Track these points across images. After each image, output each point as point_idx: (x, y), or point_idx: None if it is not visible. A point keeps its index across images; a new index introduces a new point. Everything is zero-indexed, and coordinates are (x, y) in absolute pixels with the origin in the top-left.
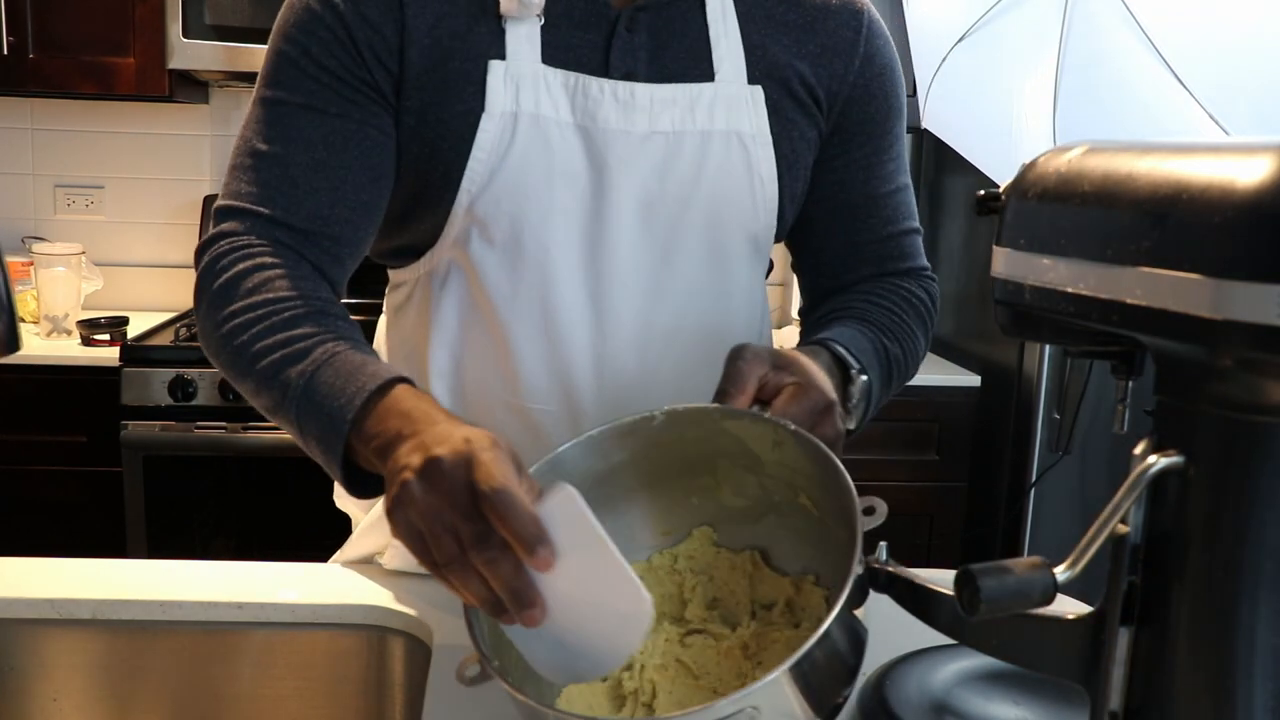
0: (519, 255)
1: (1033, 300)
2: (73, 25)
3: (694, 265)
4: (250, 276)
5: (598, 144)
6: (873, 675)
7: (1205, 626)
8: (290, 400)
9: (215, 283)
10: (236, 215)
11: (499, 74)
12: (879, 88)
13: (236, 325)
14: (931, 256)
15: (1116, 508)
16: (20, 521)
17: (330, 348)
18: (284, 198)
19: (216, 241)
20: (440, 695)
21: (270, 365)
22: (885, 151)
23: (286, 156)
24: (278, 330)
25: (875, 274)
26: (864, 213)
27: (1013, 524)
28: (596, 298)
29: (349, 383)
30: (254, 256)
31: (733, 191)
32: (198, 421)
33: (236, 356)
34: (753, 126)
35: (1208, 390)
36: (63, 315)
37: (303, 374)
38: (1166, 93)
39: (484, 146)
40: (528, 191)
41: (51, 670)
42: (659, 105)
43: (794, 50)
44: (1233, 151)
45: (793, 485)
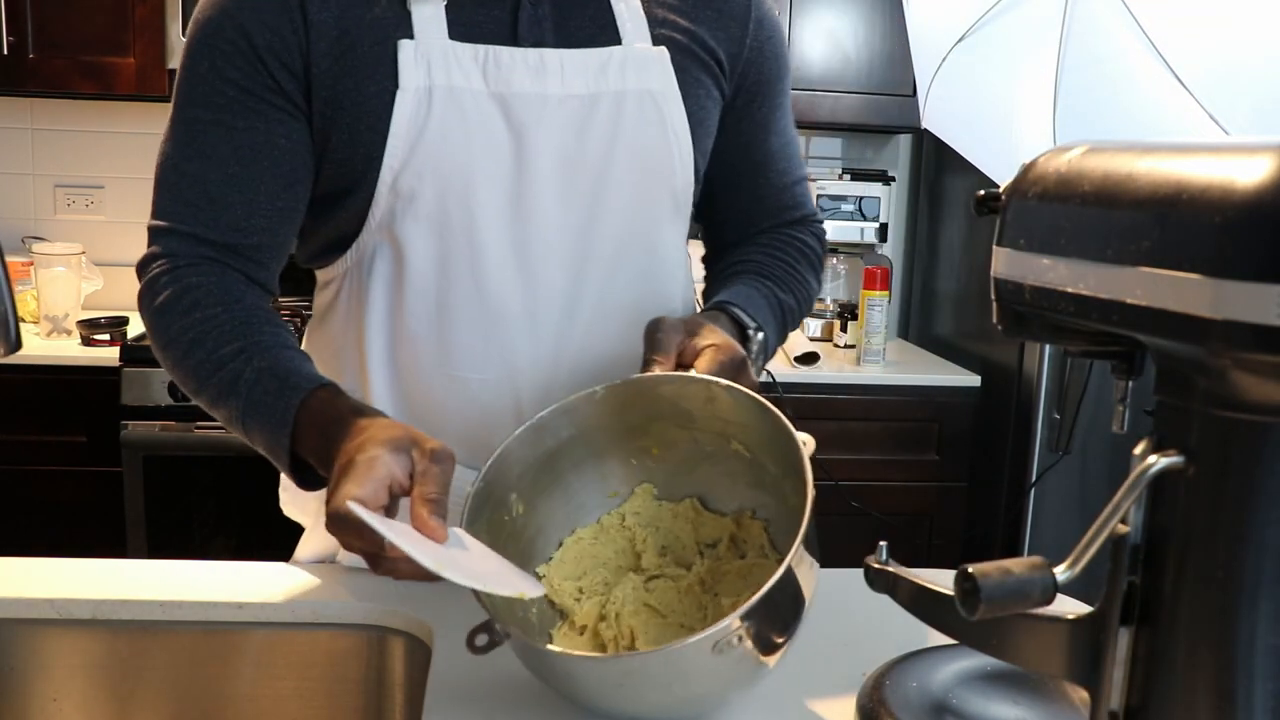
0: (446, 225)
1: (1033, 300)
2: (73, 25)
3: (619, 225)
4: (182, 299)
5: (515, 110)
6: (873, 675)
7: (1205, 626)
8: (236, 423)
9: (153, 304)
10: (164, 236)
11: (409, 52)
12: (771, 49)
13: (177, 351)
14: (931, 256)
15: (1116, 508)
16: (20, 521)
17: (257, 365)
18: (204, 214)
19: (150, 265)
20: (440, 695)
21: (213, 389)
22: (780, 108)
23: (203, 174)
24: (211, 353)
25: (774, 225)
26: (764, 167)
27: (1013, 524)
28: (525, 262)
29: (278, 400)
30: (182, 278)
31: (651, 149)
32: (198, 421)
33: (185, 379)
34: (662, 85)
35: (1208, 390)
36: (63, 315)
37: (239, 399)
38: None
39: (401, 122)
40: (449, 161)
41: (51, 670)
42: (570, 69)
43: (691, 16)
44: (1233, 151)
45: (724, 434)
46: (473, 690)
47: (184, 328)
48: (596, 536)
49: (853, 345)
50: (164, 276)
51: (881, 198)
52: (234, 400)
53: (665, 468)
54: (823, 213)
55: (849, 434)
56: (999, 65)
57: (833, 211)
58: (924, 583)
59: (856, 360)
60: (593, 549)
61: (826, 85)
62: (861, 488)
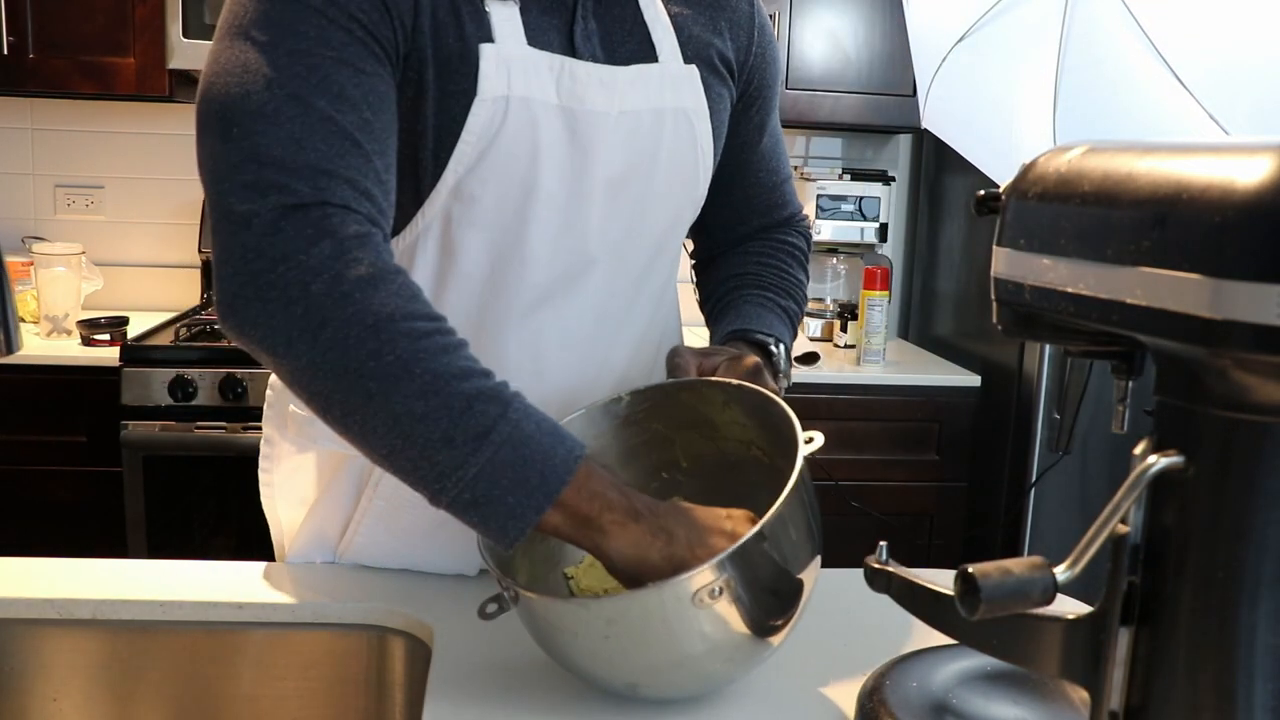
0: (500, 232)
1: (1033, 300)
2: (73, 25)
3: (652, 238)
4: (399, 274)
5: (580, 124)
6: (873, 675)
7: (1205, 626)
8: (495, 434)
9: (362, 266)
10: (320, 178)
11: (490, 57)
12: (770, 54)
13: (408, 330)
14: (931, 256)
15: (1116, 508)
16: (20, 521)
17: (515, 392)
18: (353, 159)
19: (327, 215)
20: (440, 695)
21: (467, 392)
22: (774, 111)
23: (333, 113)
24: (462, 352)
25: (764, 224)
26: (756, 167)
27: (1013, 524)
28: (565, 272)
29: (557, 443)
30: (382, 252)
31: (684, 165)
32: (198, 421)
33: (408, 360)
34: (695, 103)
35: (1208, 390)
36: (63, 315)
37: (511, 413)
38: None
39: (474, 130)
40: (514, 172)
41: (51, 670)
42: (625, 86)
43: (709, 27)
44: (1233, 151)
45: (744, 440)
46: (473, 690)
47: (420, 314)
48: None
49: (853, 345)
50: (364, 239)
51: (881, 198)
52: (495, 425)
53: (694, 480)
54: (822, 213)
55: (849, 434)
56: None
57: (833, 211)
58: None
59: (856, 360)
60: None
61: (826, 85)
62: (861, 488)
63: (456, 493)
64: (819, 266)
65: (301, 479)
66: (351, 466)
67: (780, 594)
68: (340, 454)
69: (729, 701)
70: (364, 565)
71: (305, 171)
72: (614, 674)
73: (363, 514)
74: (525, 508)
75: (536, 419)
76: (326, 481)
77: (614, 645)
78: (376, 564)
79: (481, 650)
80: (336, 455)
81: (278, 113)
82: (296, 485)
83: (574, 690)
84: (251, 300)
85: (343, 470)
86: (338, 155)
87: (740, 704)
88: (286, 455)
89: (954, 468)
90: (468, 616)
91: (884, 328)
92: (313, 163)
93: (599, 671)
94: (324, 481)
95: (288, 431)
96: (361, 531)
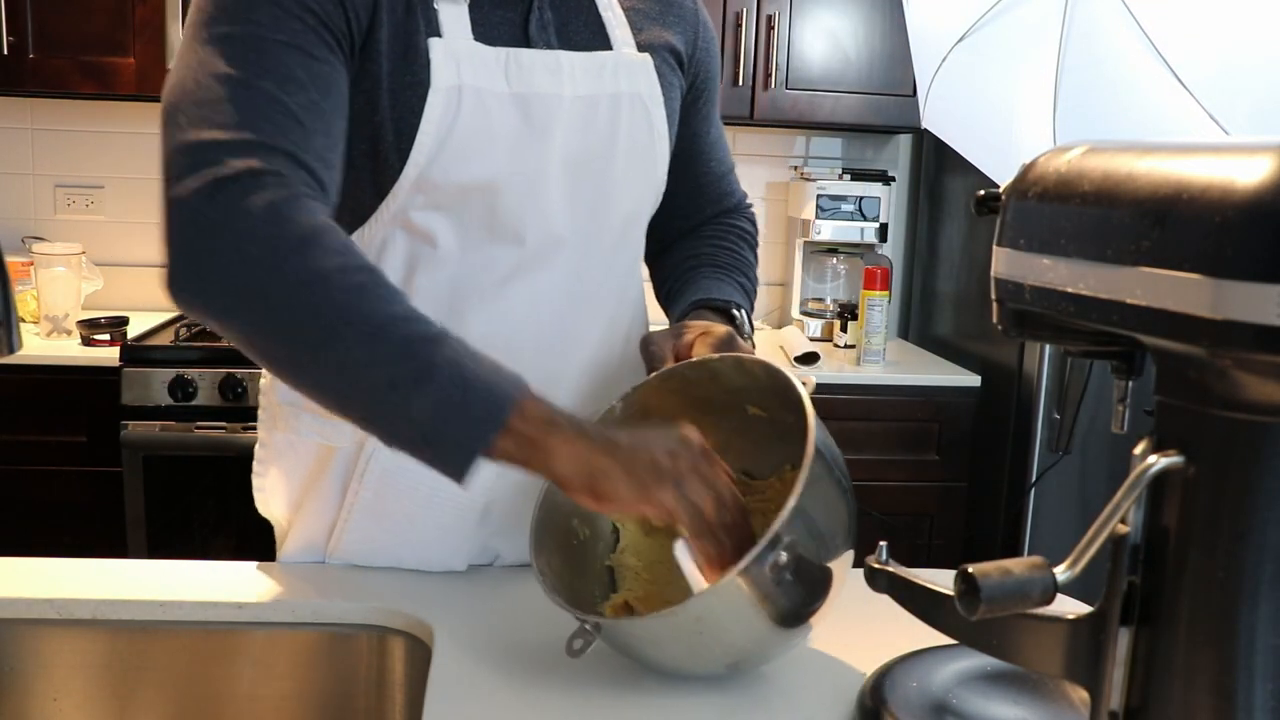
0: (466, 219)
1: (1033, 300)
2: (73, 25)
3: (617, 221)
4: (333, 231)
5: (534, 109)
6: (873, 675)
7: (1205, 626)
8: (437, 374)
9: (295, 227)
10: (259, 151)
11: (440, 51)
12: (713, 48)
13: (344, 284)
14: (931, 256)
15: (1116, 508)
16: (20, 521)
17: (448, 332)
18: (295, 134)
19: (258, 182)
20: (440, 695)
21: (405, 337)
22: (715, 104)
23: (279, 94)
24: (397, 300)
25: (715, 212)
26: (706, 157)
27: (1013, 524)
28: (535, 255)
29: (497, 376)
30: (318, 213)
31: (641, 149)
32: (198, 421)
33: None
34: (649, 89)
35: (1208, 390)
36: (63, 315)
37: (448, 351)
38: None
39: (432, 119)
40: (473, 159)
41: (51, 670)
42: (578, 71)
43: (659, 21)
44: (1233, 151)
45: (737, 404)
46: (473, 690)
47: (354, 266)
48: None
49: (853, 345)
50: (296, 201)
51: (881, 198)
52: (439, 356)
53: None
54: (822, 213)
55: (849, 434)
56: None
57: (833, 211)
58: (924, 583)
59: (856, 360)
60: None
61: (826, 85)
62: (861, 488)
63: (407, 432)
64: (819, 266)
65: (292, 481)
66: (337, 464)
67: (833, 530)
68: (326, 449)
69: (730, 701)
70: (354, 565)
71: (240, 146)
72: (714, 662)
73: (349, 509)
74: (473, 439)
75: (474, 356)
76: (314, 482)
77: (708, 638)
78: (365, 563)
79: (481, 650)
80: (323, 453)
81: (220, 98)
82: (288, 487)
83: (574, 690)
84: (193, 274)
85: (328, 470)
86: (279, 132)
87: (741, 704)
88: (277, 456)
89: (954, 468)
90: (468, 616)
91: (884, 328)
92: (250, 139)
93: (699, 667)
94: (311, 482)
95: (277, 430)
96: (350, 527)
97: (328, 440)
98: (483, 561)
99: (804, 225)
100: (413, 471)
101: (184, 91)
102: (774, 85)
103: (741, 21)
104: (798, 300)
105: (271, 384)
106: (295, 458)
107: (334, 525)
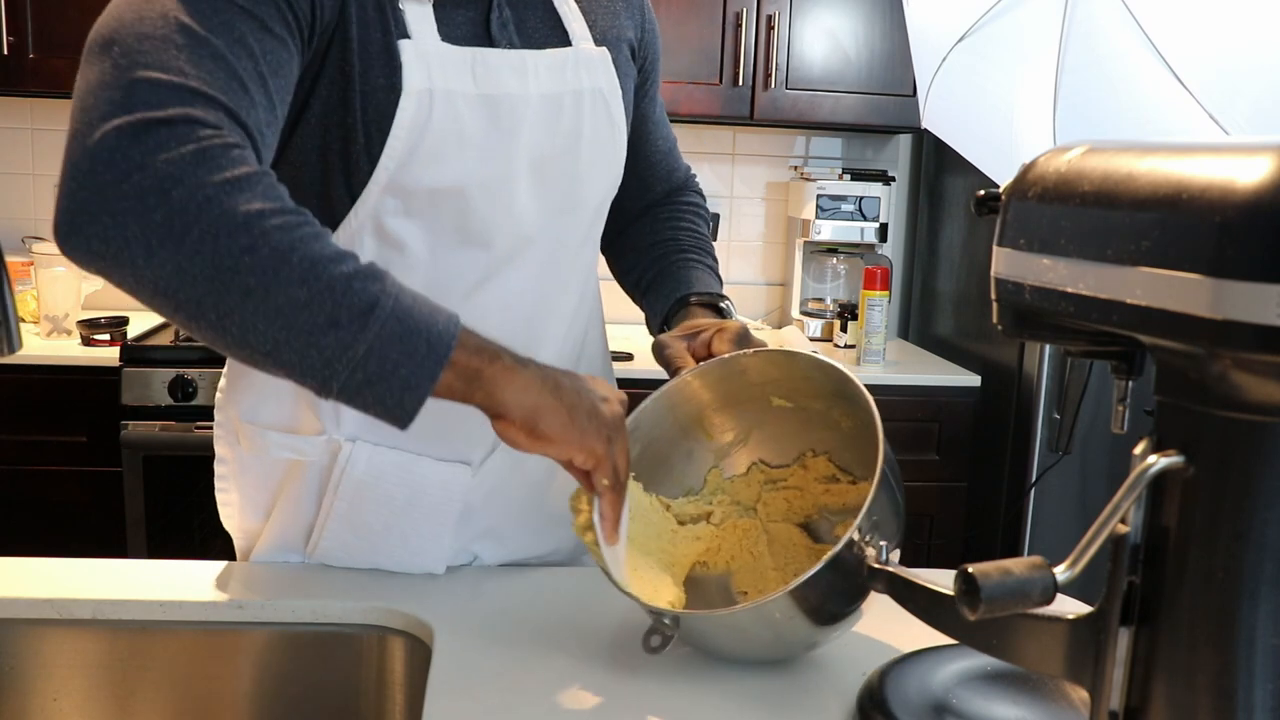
0: (436, 222)
1: (1033, 300)
2: (73, 25)
3: (583, 215)
4: (266, 176)
5: (502, 109)
6: (872, 675)
7: (1205, 626)
8: (379, 310)
9: (225, 171)
10: (200, 100)
11: (410, 53)
12: (656, 30)
13: (279, 224)
14: (931, 256)
15: (1116, 508)
16: (20, 521)
17: (384, 269)
18: (239, 96)
19: (194, 129)
20: (440, 695)
21: (345, 274)
22: (659, 80)
23: (227, 54)
24: (330, 243)
25: (665, 189)
26: (654, 136)
27: (1013, 524)
28: (506, 254)
29: (435, 311)
30: (251, 161)
31: (603, 143)
32: (198, 421)
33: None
34: (608, 83)
35: (1208, 390)
36: (63, 315)
37: (388, 285)
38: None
39: (403, 124)
40: (443, 162)
41: (51, 670)
42: (542, 70)
43: (610, 10)
44: (1233, 151)
45: (762, 397)
46: (473, 690)
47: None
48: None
49: (853, 345)
50: (229, 150)
51: (881, 198)
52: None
53: (723, 447)
54: (822, 213)
55: None
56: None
57: (833, 211)
58: (924, 583)
59: (856, 360)
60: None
61: (826, 85)
62: None
63: (348, 375)
64: (819, 266)
65: (261, 492)
66: (310, 472)
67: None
68: (298, 461)
69: (730, 701)
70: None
71: (181, 91)
72: (794, 646)
73: (325, 517)
74: (419, 376)
75: (410, 292)
76: (286, 489)
77: (794, 624)
78: (343, 565)
79: (481, 650)
80: (295, 464)
81: (167, 39)
82: (257, 498)
83: (573, 690)
84: (99, 213)
85: (301, 477)
86: (222, 88)
87: (741, 703)
88: (242, 471)
89: (954, 468)
90: (468, 616)
91: (884, 328)
92: (192, 86)
93: (779, 653)
94: (283, 490)
95: (240, 446)
96: (326, 535)
97: (299, 455)
98: (461, 563)
99: (804, 225)
100: (388, 481)
101: (122, 24)
102: (774, 85)
103: (741, 21)
104: (798, 300)
105: (229, 399)
106: (263, 471)
107: (309, 530)
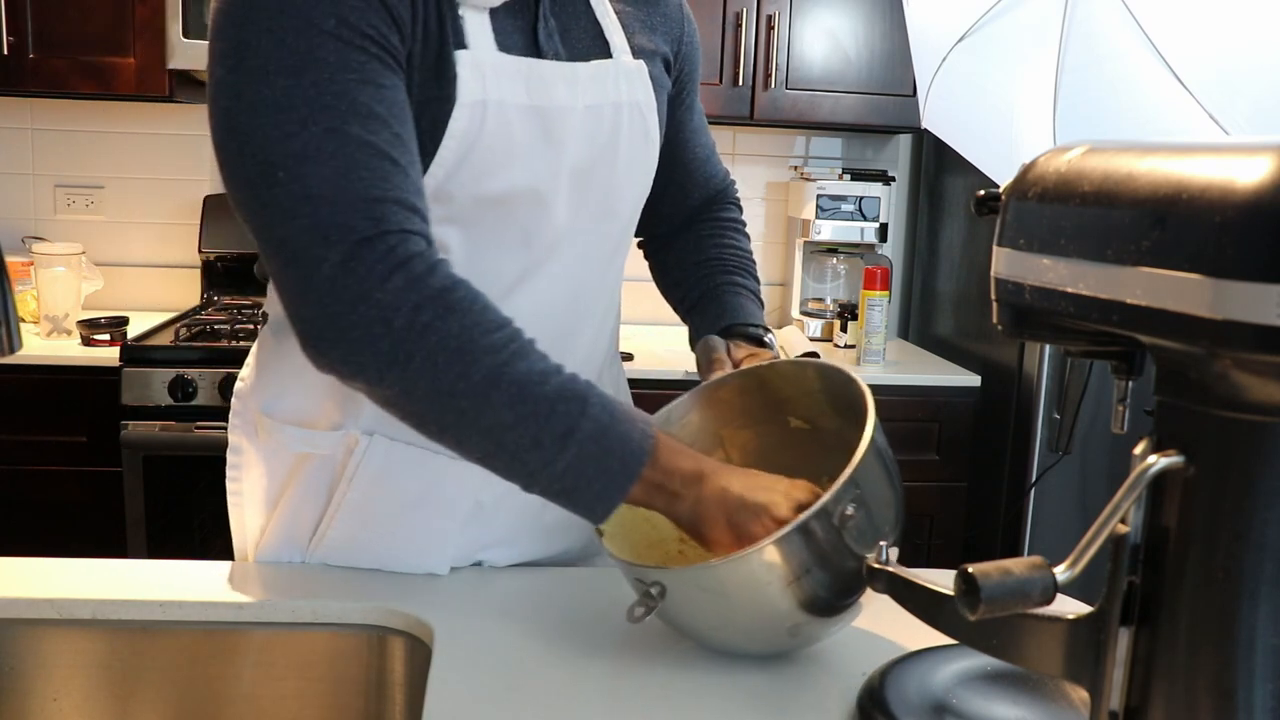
0: (475, 229)
1: (1033, 300)
2: (73, 25)
3: (616, 227)
4: (463, 286)
5: (552, 121)
6: (873, 675)
7: (1205, 626)
8: (578, 433)
9: (429, 288)
10: (385, 208)
11: (467, 64)
12: (696, 40)
13: (488, 345)
14: (931, 256)
15: (1116, 508)
16: (20, 521)
17: (589, 382)
18: (397, 179)
19: (400, 245)
20: (440, 695)
21: (549, 397)
22: (697, 89)
23: (366, 138)
24: (537, 355)
25: (704, 197)
26: (692, 143)
27: (1013, 524)
28: (539, 264)
29: (631, 427)
30: (450, 271)
31: (639, 156)
32: (198, 421)
33: (491, 374)
34: (645, 97)
35: (1208, 390)
36: (63, 315)
37: (589, 408)
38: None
39: (455, 135)
40: (490, 172)
41: (51, 670)
42: (586, 81)
43: (648, 24)
44: (1233, 151)
45: (780, 417)
46: (473, 690)
47: (500, 323)
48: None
49: (853, 345)
50: (424, 258)
51: (881, 198)
52: (579, 419)
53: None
54: (822, 213)
55: None
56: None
57: (833, 211)
58: (924, 583)
59: (856, 360)
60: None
61: (826, 85)
62: None
63: (546, 484)
64: (819, 266)
65: (272, 483)
66: (323, 466)
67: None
68: (312, 454)
69: (730, 701)
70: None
71: (359, 204)
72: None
73: (336, 508)
74: (610, 491)
75: (610, 408)
76: (296, 482)
77: (775, 592)
78: (345, 564)
79: (481, 650)
80: (308, 456)
81: (319, 150)
82: (268, 490)
83: (573, 691)
84: (337, 341)
85: (314, 470)
86: (382, 178)
87: (741, 703)
88: (257, 462)
89: (954, 468)
90: (468, 616)
91: (884, 328)
92: (362, 193)
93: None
94: (294, 481)
95: (258, 438)
96: (335, 526)
97: (315, 449)
98: (465, 564)
99: (804, 225)
100: (402, 474)
101: (270, 140)
102: (774, 85)
103: (741, 21)
104: (798, 300)
105: (251, 390)
106: (276, 462)
107: (317, 523)
